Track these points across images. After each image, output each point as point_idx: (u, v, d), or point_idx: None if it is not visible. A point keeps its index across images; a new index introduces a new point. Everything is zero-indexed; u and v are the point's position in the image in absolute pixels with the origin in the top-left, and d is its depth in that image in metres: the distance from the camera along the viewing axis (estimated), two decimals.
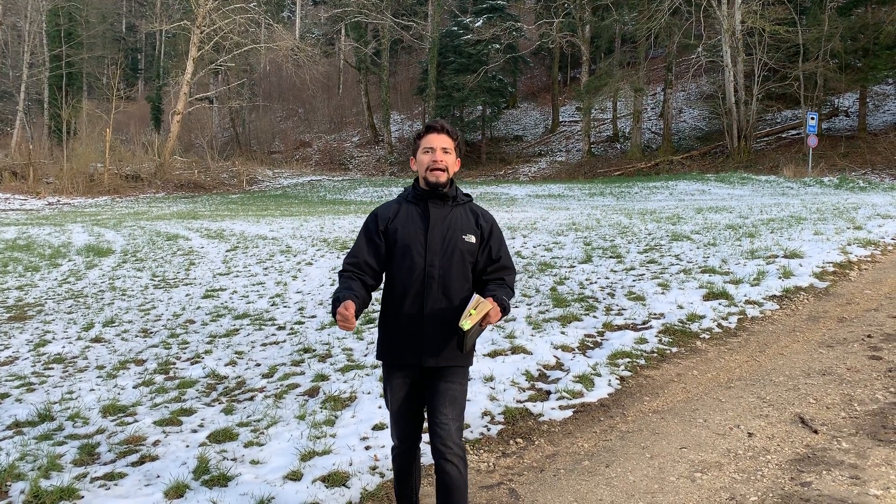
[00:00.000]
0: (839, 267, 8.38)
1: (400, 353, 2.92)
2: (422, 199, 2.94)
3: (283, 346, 6.79)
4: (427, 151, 2.90)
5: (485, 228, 2.97)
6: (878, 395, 4.66)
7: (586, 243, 11.53)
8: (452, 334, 2.85)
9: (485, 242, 2.96)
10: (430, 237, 2.88)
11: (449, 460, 2.82)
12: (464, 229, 2.92)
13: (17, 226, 21.12)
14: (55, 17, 47.80)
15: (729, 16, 30.61)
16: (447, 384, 2.89)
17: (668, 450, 4.04)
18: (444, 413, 2.86)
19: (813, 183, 24.12)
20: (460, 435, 2.90)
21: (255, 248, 13.93)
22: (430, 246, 2.87)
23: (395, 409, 2.97)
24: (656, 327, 6.38)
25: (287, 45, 43.04)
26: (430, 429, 2.89)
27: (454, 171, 2.94)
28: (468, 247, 2.91)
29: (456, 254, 2.88)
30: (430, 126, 2.94)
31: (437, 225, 2.90)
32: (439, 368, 2.90)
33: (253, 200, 31.92)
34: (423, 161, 2.90)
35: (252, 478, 3.86)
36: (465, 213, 2.97)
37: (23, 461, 4.19)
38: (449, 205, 2.95)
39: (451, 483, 2.84)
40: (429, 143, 2.91)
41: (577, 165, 37.36)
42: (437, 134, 2.91)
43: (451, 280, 2.88)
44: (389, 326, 2.94)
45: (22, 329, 8.08)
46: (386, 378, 3.00)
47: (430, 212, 2.91)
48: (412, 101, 49.45)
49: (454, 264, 2.88)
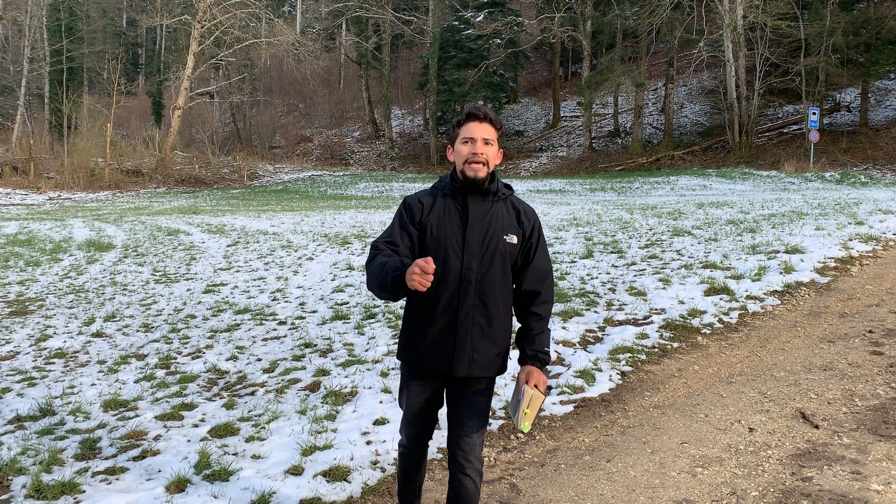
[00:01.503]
0: (840, 262, 8.37)
1: (428, 360, 2.69)
2: (460, 193, 2.68)
3: (284, 340, 6.80)
4: (467, 142, 2.63)
5: (526, 227, 2.72)
6: (879, 390, 4.66)
7: (587, 238, 11.52)
8: (488, 343, 2.66)
9: (525, 241, 2.72)
10: (468, 237, 2.62)
11: (468, 475, 2.70)
12: (505, 228, 2.67)
13: (18, 220, 21.13)
14: (56, 11, 47.73)
15: (730, 10, 30.52)
16: (475, 396, 2.72)
17: (669, 445, 4.04)
18: (469, 426, 2.70)
19: (814, 178, 24.08)
20: (482, 448, 2.76)
21: (255, 243, 13.93)
22: (469, 247, 2.62)
23: (410, 411, 2.82)
24: (657, 322, 6.38)
25: (288, 39, 42.97)
26: (451, 438, 2.75)
27: (495, 164, 2.67)
28: (509, 248, 2.66)
29: (497, 256, 2.64)
30: (472, 113, 2.67)
31: (477, 223, 2.64)
32: (470, 379, 2.70)
33: (254, 195, 31.90)
34: (461, 152, 2.64)
35: (253, 472, 3.86)
36: (507, 210, 2.72)
37: (24, 455, 4.20)
38: (489, 200, 2.69)
39: (467, 496, 2.72)
40: (469, 132, 2.63)
41: (578, 160, 37.32)
42: (478, 122, 2.64)
43: (490, 285, 2.64)
44: (418, 330, 2.70)
45: (23, 324, 8.09)
46: (405, 379, 2.82)
47: (469, 208, 2.65)
48: (413, 95, 49.38)
49: (494, 267, 2.64)
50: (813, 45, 29.93)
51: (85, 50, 50.46)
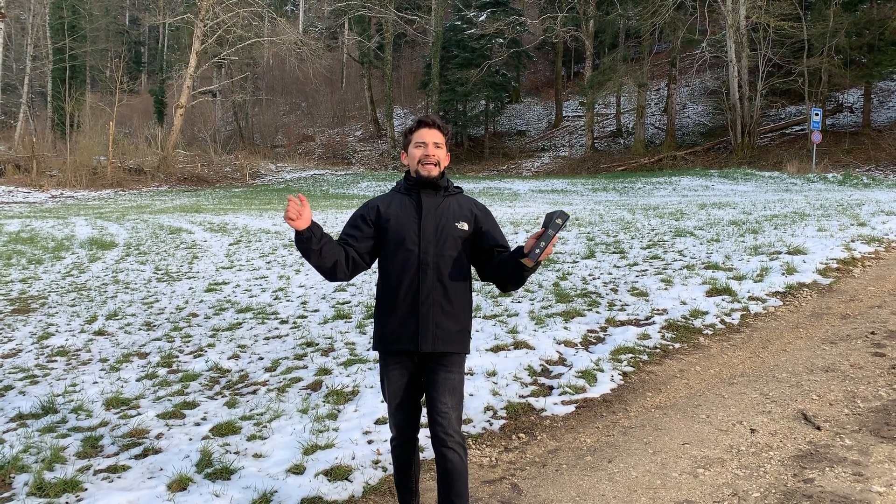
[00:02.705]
0: (843, 263, 8.36)
1: (397, 341, 2.93)
2: (414, 189, 3.01)
3: (286, 339, 6.80)
4: (419, 146, 2.97)
5: (479, 216, 3.03)
6: (881, 391, 4.65)
7: (589, 238, 11.52)
8: (449, 320, 2.91)
9: (481, 228, 3.01)
10: (423, 225, 2.93)
11: (451, 447, 2.86)
12: (456, 217, 2.98)
13: (20, 218, 21.16)
14: (58, 9, 47.81)
15: (733, 11, 30.49)
16: (446, 373, 2.92)
17: (671, 445, 4.04)
18: (443, 402, 2.88)
19: (817, 179, 24.05)
20: (460, 423, 2.93)
21: (257, 241, 13.94)
22: (424, 234, 2.92)
23: (393, 399, 3.00)
24: (659, 323, 6.38)
25: (290, 38, 43.01)
26: (429, 418, 2.91)
27: (445, 165, 3.02)
28: (460, 233, 2.96)
29: (449, 240, 2.93)
30: (422, 121, 3.01)
31: (430, 213, 2.95)
32: (437, 357, 2.92)
33: (256, 194, 31.92)
34: (414, 155, 2.98)
35: (255, 471, 3.87)
36: (458, 203, 3.04)
37: (27, 453, 4.21)
38: (441, 195, 3.01)
39: (454, 469, 2.87)
40: (420, 137, 2.98)
41: (581, 160, 37.30)
42: (428, 129, 2.99)
43: (446, 267, 2.92)
44: (386, 315, 2.97)
45: (25, 322, 8.10)
46: (383, 368, 3.03)
47: (423, 201, 2.97)
48: (415, 95, 49.38)
49: (447, 251, 2.93)
50: (816, 45, 29.89)
51: (88, 48, 50.54)
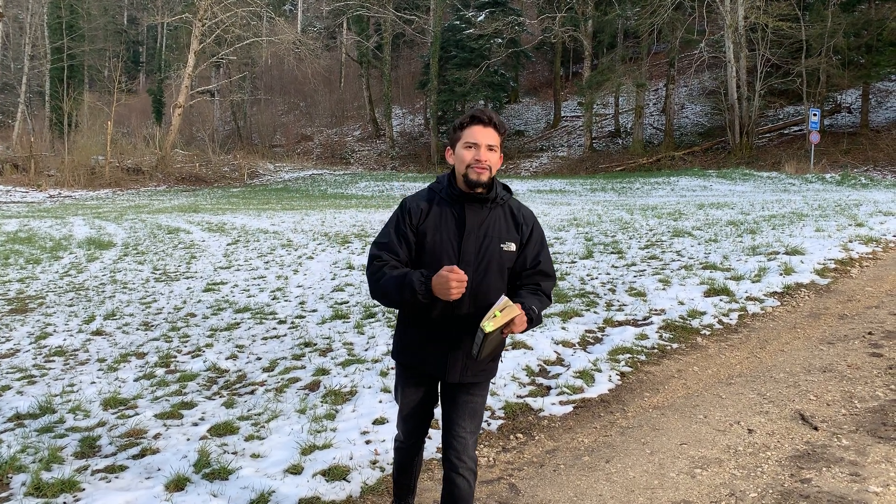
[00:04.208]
0: (840, 264, 8.37)
1: (421, 364, 2.72)
2: (457, 200, 2.61)
3: (284, 340, 6.80)
4: (470, 147, 2.55)
5: (525, 232, 2.67)
6: (878, 392, 4.66)
7: (587, 239, 11.52)
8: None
9: (523, 247, 2.67)
10: (464, 247, 2.57)
11: (461, 474, 2.74)
12: (502, 237, 2.61)
13: (18, 218, 21.13)
14: (56, 9, 47.70)
15: (732, 11, 30.52)
16: (469, 397, 2.73)
17: (668, 446, 4.04)
18: (462, 426, 2.72)
19: (815, 179, 24.08)
20: (475, 448, 2.79)
21: (256, 241, 13.93)
22: (464, 256, 2.56)
23: (405, 409, 2.86)
24: (657, 323, 6.39)
25: (289, 38, 42.98)
26: (444, 439, 2.79)
27: (497, 169, 2.60)
28: (507, 256, 2.62)
29: (493, 265, 2.59)
30: (476, 117, 2.58)
31: (473, 232, 2.58)
32: (462, 383, 2.72)
33: (254, 194, 31.90)
34: (464, 157, 2.56)
35: (253, 471, 3.87)
36: (505, 216, 2.66)
37: (24, 453, 4.20)
38: (488, 207, 2.62)
39: (460, 496, 2.76)
40: (473, 136, 2.55)
41: (579, 161, 37.32)
42: (483, 127, 2.56)
43: (485, 294, 2.58)
44: (412, 333, 2.71)
45: (23, 321, 8.09)
46: (400, 377, 2.86)
47: (467, 216, 2.59)
48: (414, 95, 49.38)
49: (489, 276, 2.60)
50: (814, 46, 29.92)
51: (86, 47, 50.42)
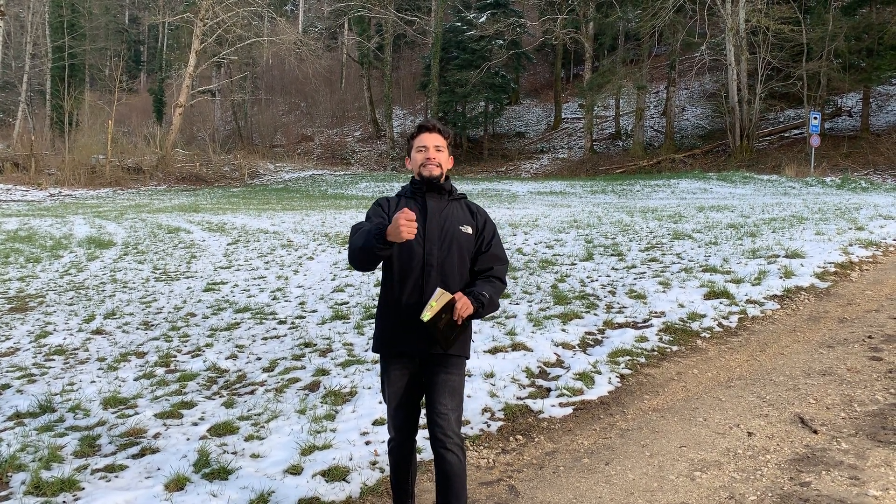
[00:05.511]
0: (840, 267, 8.37)
1: (400, 343, 2.97)
2: (419, 192, 3.06)
3: (284, 340, 6.80)
4: (420, 150, 3.04)
5: (479, 220, 3.10)
6: (878, 395, 4.67)
7: (588, 241, 11.52)
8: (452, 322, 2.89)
9: (479, 234, 3.08)
10: (428, 227, 2.98)
11: (449, 449, 2.89)
12: (461, 221, 3.05)
13: (18, 217, 21.13)
14: (58, 7, 47.75)
15: (733, 14, 30.54)
16: (447, 375, 2.95)
17: (668, 448, 4.04)
18: (443, 403, 2.92)
19: (815, 183, 24.09)
20: (459, 425, 2.96)
21: (256, 241, 13.93)
22: (429, 235, 2.96)
23: (393, 400, 3.03)
24: (657, 326, 6.39)
25: (290, 38, 43.02)
26: (428, 419, 2.93)
27: (447, 168, 3.08)
28: (465, 237, 3.02)
29: (454, 243, 2.99)
30: (423, 126, 3.08)
31: (435, 216, 3.01)
32: (439, 358, 2.95)
33: (254, 194, 31.91)
34: (417, 159, 3.05)
35: (252, 471, 3.87)
36: (461, 207, 3.11)
37: (24, 452, 4.20)
38: (445, 199, 3.08)
39: (452, 471, 2.90)
40: (422, 142, 3.04)
41: (579, 163, 37.33)
42: (429, 133, 3.05)
43: (450, 269, 2.97)
44: (389, 317, 3.00)
45: (23, 320, 8.09)
46: (384, 370, 3.06)
47: (428, 204, 3.03)
48: (415, 96, 49.39)
49: (452, 253, 2.98)
50: (815, 49, 29.95)
51: (87, 47, 50.45)
